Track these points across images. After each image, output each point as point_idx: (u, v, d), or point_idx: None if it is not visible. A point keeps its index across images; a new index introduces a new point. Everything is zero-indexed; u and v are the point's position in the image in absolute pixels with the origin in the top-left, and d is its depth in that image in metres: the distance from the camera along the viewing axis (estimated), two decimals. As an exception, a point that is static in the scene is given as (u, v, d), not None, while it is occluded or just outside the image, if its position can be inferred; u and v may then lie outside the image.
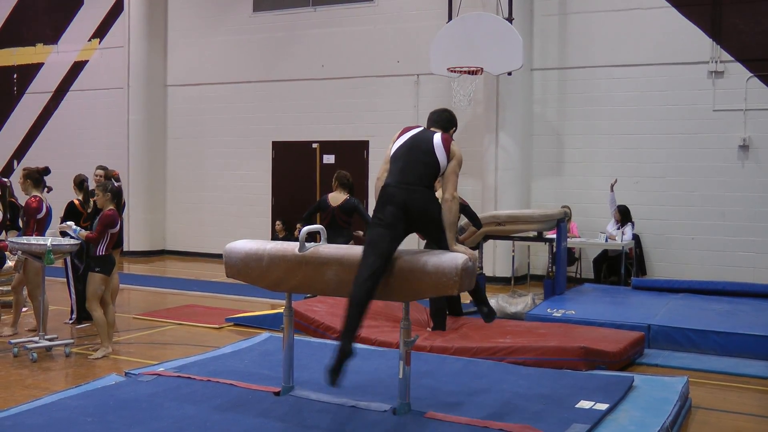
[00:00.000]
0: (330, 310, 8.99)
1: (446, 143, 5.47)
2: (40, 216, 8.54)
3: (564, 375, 6.68)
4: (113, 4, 17.84)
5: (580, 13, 13.52)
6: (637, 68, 13.15)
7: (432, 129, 5.69)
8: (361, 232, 10.05)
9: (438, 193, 5.56)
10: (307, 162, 15.79)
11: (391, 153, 5.55)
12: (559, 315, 9.27)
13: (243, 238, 6.30)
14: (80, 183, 9.63)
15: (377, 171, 5.67)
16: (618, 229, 12.63)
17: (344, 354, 5.16)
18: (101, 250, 7.97)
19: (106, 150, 17.38)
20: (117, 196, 8.26)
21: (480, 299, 6.00)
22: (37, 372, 7.37)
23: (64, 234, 8.38)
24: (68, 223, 8.40)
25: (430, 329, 8.65)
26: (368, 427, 5.19)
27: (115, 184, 8.58)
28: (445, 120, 5.78)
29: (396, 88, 14.95)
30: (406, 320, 5.35)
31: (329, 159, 15.52)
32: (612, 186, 12.60)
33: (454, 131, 5.82)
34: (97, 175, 9.72)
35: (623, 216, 12.74)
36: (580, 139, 13.58)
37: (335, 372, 5.16)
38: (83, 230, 8.21)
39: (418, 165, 5.41)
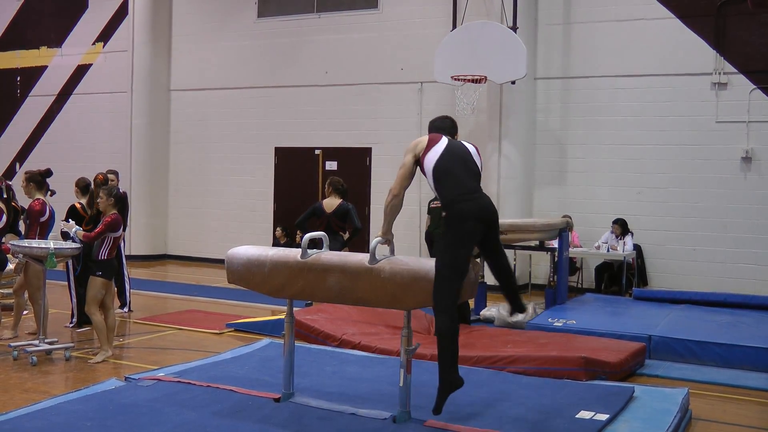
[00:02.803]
0: (330, 317, 9.00)
1: (477, 149, 5.70)
2: (43, 219, 8.55)
3: (564, 385, 6.67)
4: (117, 8, 17.86)
5: (585, 23, 13.53)
6: (641, 79, 13.15)
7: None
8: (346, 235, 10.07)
9: None
10: (309, 168, 15.79)
11: (433, 167, 5.46)
12: (560, 325, 9.26)
13: (245, 243, 6.30)
14: (85, 187, 9.61)
15: (388, 181, 5.70)
16: (618, 240, 12.61)
17: (455, 386, 5.27)
18: (103, 254, 7.97)
19: (109, 154, 17.39)
20: (120, 202, 8.25)
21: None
22: (37, 375, 7.36)
23: (65, 236, 8.38)
24: (69, 223, 8.40)
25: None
26: (368, 435, 5.19)
27: (120, 189, 8.58)
28: (456, 128, 5.92)
29: (399, 96, 14.95)
30: (408, 328, 5.35)
31: (332, 165, 15.52)
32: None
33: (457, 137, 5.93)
34: (110, 180, 9.82)
35: (622, 229, 12.73)
36: (582, 149, 13.57)
37: (441, 406, 5.29)
38: (81, 230, 8.22)
39: (472, 172, 5.52)
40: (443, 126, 5.83)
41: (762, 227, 12.36)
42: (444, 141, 5.57)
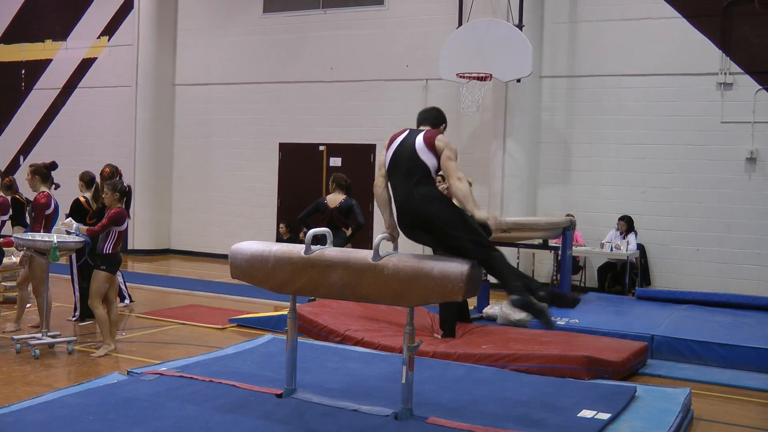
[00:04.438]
0: (333, 313, 8.99)
1: (428, 141, 5.44)
2: (48, 212, 8.56)
3: (566, 384, 6.66)
4: (123, 2, 17.87)
5: (591, 21, 13.51)
6: (646, 78, 13.14)
7: (420, 128, 5.67)
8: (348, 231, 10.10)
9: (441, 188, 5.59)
10: (313, 164, 15.79)
11: (385, 168, 5.57)
12: (562, 323, 9.24)
13: (248, 239, 6.31)
14: (90, 181, 9.61)
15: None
16: (623, 238, 12.61)
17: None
18: (108, 248, 7.96)
19: (113, 148, 17.41)
20: (125, 195, 8.25)
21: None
22: (39, 369, 7.37)
23: (68, 232, 8.39)
24: (67, 221, 8.39)
25: (438, 336, 8.63)
26: (370, 432, 5.19)
27: (124, 183, 8.58)
28: (433, 117, 5.78)
29: (404, 93, 14.94)
30: (410, 325, 5.35)
31: (336, 162, 15.52)
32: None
33: (445, 127, 5.78)
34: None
35: (627, 225, 12.74)
36: (587, 148, 13.56)
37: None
38: (83, 225, 8.22)
39: (409, 175, 5.42)
40: (419, 118, 5.84)
41: (766, 228, 12.35)
42: (395, 144, 5.57)
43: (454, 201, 5.56)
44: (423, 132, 5.54)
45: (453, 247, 5.32)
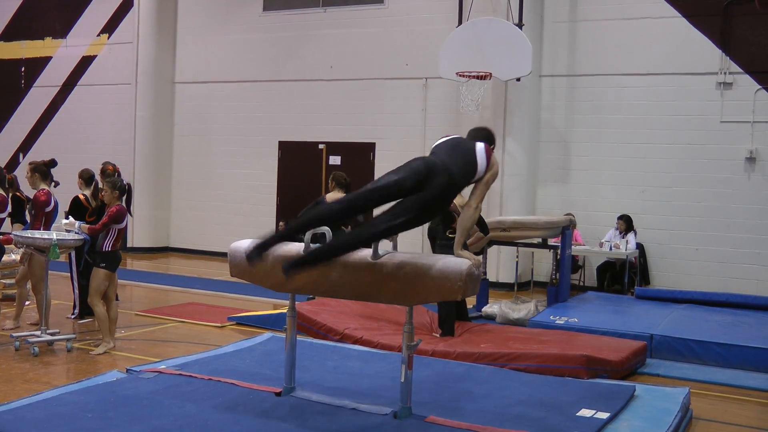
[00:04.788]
0: (332, 311, 8.99)
1: (488, 152, 5.50)
2: (48, 209, 8.56)
3: (565, 383, 6.67)
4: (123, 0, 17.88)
5: (591, 20, 13.51)
6: (646, 77, 13.14)
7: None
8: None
9: (457, 199, 5.56)
10: (313, 163, 15.79)
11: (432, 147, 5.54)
12: (561, 322, 9.25)
13: (247, 237, 6.29)
14: (89, 178, 9.60)
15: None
16: (622, 237, 12.61)
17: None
18: (108, 245, 7.97)
19: (113, 146, 17.40)
20: (124, 193, 8.25)
21: None
22: (38, 366, 7.37)
23: (69, 231, 8.38)
24: (68, 221, 8.38)
25: (437, 335, 8.63)
26: (369, 431, 5.19)
27: (124, 181, 8.58)
28: (485, 136, 5.82)
29: (404, 91, 14.93)
30: (409, 324, 5.35)
31: (335, 160, 15.51)
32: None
33: (494, 149, 5.78)
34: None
35: (626, 224, 12.74)
36: (587, 147, 13.56)
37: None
38: (84, 224, 8.22)
39: (458, 159, 5.37)
40: (470, 134, 5.89)
41: (765, 228, 12.35)
42: (451, 136, 5.65)
43: (456, 201, 5.56)
44: (482, 142, 5.58)
45: (401, 207, 5.18)
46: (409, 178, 5.16)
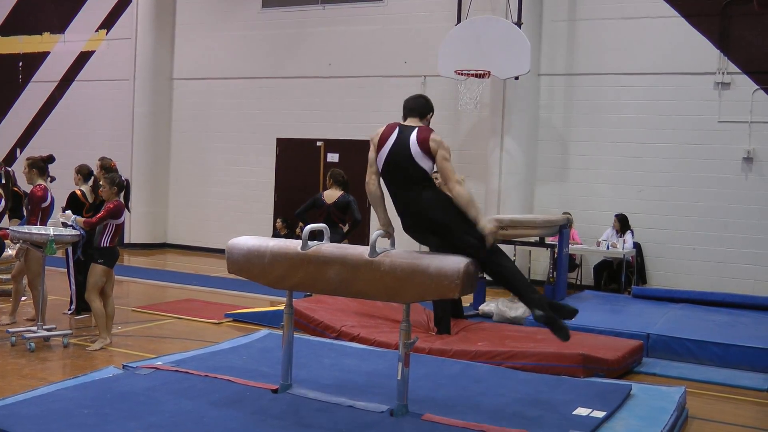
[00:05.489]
0: (330, 309, 8.99)
1: (423, 146, 5.37)
2: (45, 205, 8.56)
3: (562, 381, 6.67)
4: (121, -5, 17.88)
5: (589, 20, 13.51)
6: (644, 77, 13.14)
7: (409, 122, 5.59)
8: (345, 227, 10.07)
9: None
10: (311, 160, 15.79)
11: (381, 173, 5.54)
12: (558, 321, 9.23)
13: (245, 233, 6.31)
14: (88, 174, 9.58)
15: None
16: (619, 236, 12.62)
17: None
18: (105, 241, 7.96)
19: (110, 141, 17.37)
20: (123, 189, 8.23)
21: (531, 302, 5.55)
22: (35, 362, 7.36)
23: (65, 224, 8.37)
24: (66, 213, 8.38)
25: (434, 333, 8.62)
26: (365, 428, 5.19)
27: (122, 177, 8.56)
28: (420, 107, 5.67)
29: (402, 89, 14.82)
30: (406, 322, 5.35)
31: (333, 157, 15.51)
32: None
33: (431, 116, 5.69)
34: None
35: (622, 224, 12.75)
36: (585, 146, 13.56)
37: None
38: (80, 217, 8.20)
39: (408, 187, 5.42)
40: (406, 106, 5.72)
41: (762, 228, 12.36)
42: (389, 142, 5.49)
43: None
44: (415, 131, 5.43)
45: (460, 246, 5.29)
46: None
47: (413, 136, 5.42)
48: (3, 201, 8.80)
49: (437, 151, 5.37)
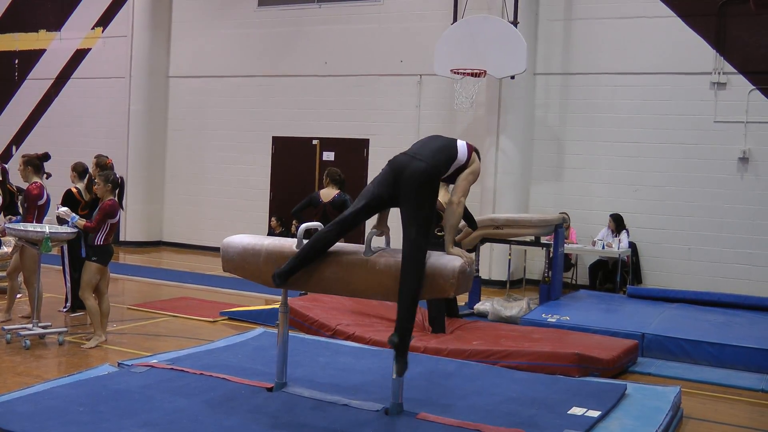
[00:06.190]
0: (325, 307, 8.99)
1: (470, 148, 5.57)
2: (41, 202, 8.53)
3: (557, 381, 6.68)
4: (117, -7, 17.84)
5: (585, 19, 13.51)
6: (640, 76, 13.15)
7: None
8: None
9: (441, 196, 5.57)
10: (307, 158, 15.78)
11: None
12: (553, 320, 9.27)
13: (240, 232, 6.30)
14: (83, 172, 9.55)
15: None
16: (614, 236, 12.63)
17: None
18: (100, 239, 7.96)
19: (106, 139, 17.35)
20: (117, 187, 8.22)
21: None
22: (30, 359, 7.36)
23: (61, 221, 8.36)
24: (65, 209, 8.37)
25: (429, 332, 8.62)
26: (360, 427, 5.19)
27: (117, 175, 8.55)
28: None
29: (398, 88, 14.93)
30: (402, 321, 5.34)
31: (329, 156, 15.51)
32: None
33: (477, 154, 5.71)
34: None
35: (617, 224, 12.75)
36: (580, 146, 13.57)
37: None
38: (81, 219, 8.19)
39: (432, 145, 5.47)
40: None
41: (757, 228, 12.38)
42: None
43: (441, 199, 5.57)
44: (466, 142, 5.67)
45: (404, 224, 5.21)
46: (382, 183, 5.35)
47: (464, 141, 5.70)
48: (-1, 198, 8.78)
49: (473, 163, 5.55)
